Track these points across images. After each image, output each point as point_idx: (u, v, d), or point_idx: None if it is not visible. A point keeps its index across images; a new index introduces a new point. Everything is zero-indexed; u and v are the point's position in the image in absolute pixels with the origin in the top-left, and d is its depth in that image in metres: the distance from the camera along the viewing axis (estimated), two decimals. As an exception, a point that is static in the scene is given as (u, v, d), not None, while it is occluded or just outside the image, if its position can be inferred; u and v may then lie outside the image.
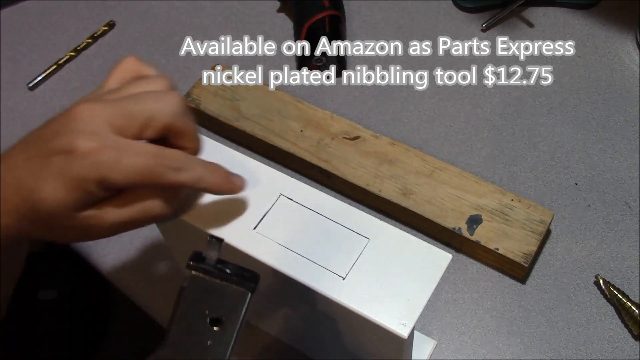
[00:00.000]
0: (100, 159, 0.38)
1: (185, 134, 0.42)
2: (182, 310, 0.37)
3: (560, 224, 0.65)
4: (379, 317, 0.41)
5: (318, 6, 0.75)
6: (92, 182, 0.38)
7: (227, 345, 0.37)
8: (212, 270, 0.37)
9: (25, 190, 0.39)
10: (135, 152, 0.39)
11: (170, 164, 0.40)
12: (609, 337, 0.59)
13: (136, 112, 0.40)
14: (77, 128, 0.38)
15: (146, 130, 0.40)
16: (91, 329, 1.10)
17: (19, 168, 0.39)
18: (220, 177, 0.43)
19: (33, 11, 0.85)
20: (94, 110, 0.39)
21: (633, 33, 0.78)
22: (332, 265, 0.43)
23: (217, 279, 0.37)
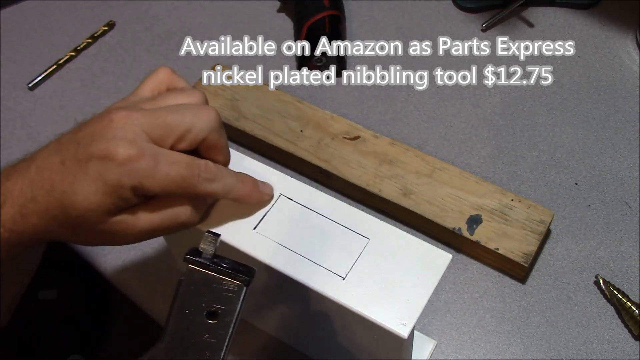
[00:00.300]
0: (138, 167, 0.39)
1: (218, 147, 0.44)
2: (179, 303, 0.38)
3: (560, 224, 0.65)
4: (379, 317, 0.41)
5: (318, 6, 0.75)
6: (128, 188, 0.39)
7: (224, 338, 0.38)
8: (209, 264, 0.38)
9: (58, 192, 0.39)
10: (171, 161, 0.40)
11: (203, 174, 0.41)
12: (609, 337, 0.59)
13: (174, 124, 0.41)
14: (116, 135, 0.39)
15: (182, 142, 0.41)
16: (91, 329, 1.10)
17: (53, 170, 0.40)
18: (250, 186, 0.44)
19: (33, 11, 0.85)
20: (132, 118, 0.40)
21: (633, 33, 0.78)
22: (332, 265, 0.43)
23: (213, 272, 0.38)
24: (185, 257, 0.38)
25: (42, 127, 0.75)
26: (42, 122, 0.75)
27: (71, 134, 0.41)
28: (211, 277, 0.38)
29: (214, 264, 0.38)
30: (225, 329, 0.38)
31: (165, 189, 0.40)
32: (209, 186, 0.41)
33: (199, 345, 0.38)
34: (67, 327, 1.04)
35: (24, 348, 0.99)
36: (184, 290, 0.38)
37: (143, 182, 0.39)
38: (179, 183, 0.40)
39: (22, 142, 0.74)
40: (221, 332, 0.38)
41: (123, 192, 0.39)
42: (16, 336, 0.97)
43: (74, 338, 1.06)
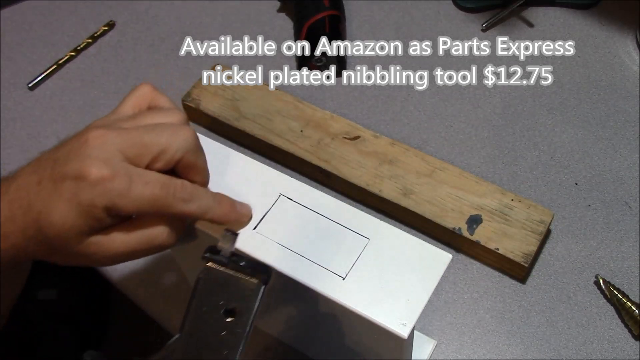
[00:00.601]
0: (110, 187, 0.38)
1: (195, 168, 0.43)
2: (197, 301, 0.38)
3: (560, 224, 0.65)
4: (379, 317, 0.41)
5: (318, 6, 0.75)
6: (101, 208, 0.38)
7: (241, 336, 0.38)
8: (227, 262, 0.38)
9: (34, 212, 0.39)
10: (146, 181, 0.39)
11: (179, 194, 0.40)
12: (609, 337, 0.59)
13: (150, 144, 0.40)
14: (90, 154, 0.39)
15: (157, 162, 0.41)
16: (91, 329, 1.10)
17: (30, 190, 0.40)
18: (227, 207, 0.44)
19: (33, 11, 0.85)
20: (107, 137, 0.40)
21: (633, 33, 0.78)
22: (332, 265, 0.43)
23: (231, 270, 0.38)
24: (203, 255, 0.38)
25: (42, 127, 0.75)
26: (42, 122, 0.75)
27: (50, 152, 0.41)
28: (229, 275, 0.38)
29: (232, 262, 0.38)
30: (243, 327, 0.38)
31: (139, 209, 0.39)
32: (185, 206, 0.41)
33: (216, 343, 0.38)
34: (67, 327, 1.04)
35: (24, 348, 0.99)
36: (202, 288, 0.38)
37: (116, 202, 0.38)
38: (153, 203, 0.39)
39: (22, 142, 0.74)
40: (238, 331, 0.38)
41: (96, 213, 0.39)
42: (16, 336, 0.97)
43: (74, 338, 1.06)
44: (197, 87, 0.73)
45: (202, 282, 0.38)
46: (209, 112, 0.71)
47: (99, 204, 0.38)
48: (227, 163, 0.48)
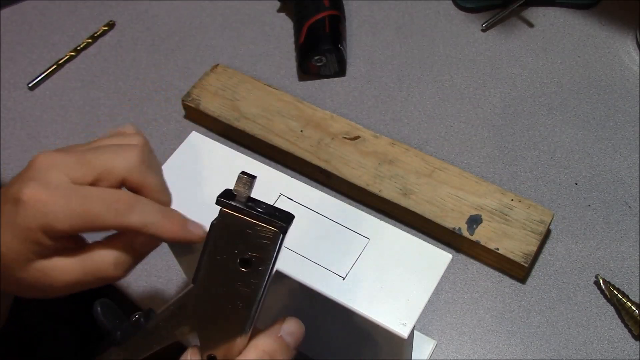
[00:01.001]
0: (44, 207, 0.37)
1: (144, 187, 0.41)
2: (211, 249, 0.35)
3: (560, 224, 0.65)
4: (379, 317, 0.41)
5: (318, 6, 0.75)
6: (36, 230, 0.37)
7: (258, 288, 0.35)
8: (242, 207, 0.35)
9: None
10: (83, 195, 0.38)
11: (114, 205, 0.38)
12: (609, 337, 0.59)
13: (92, 162, 0.40)
14: (31, 176, 0.38)
15: (103, 181, 0.40)
16: (91, 329, 1.10)
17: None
18: (175, 225, 0.41)
19: (33, 11, 0.85)
20: (53, 158, 0.39)
21: (633, 33, 0.78)
22: (332, 265, 0.43)
23: (247, 217, 0.35)
24: (217, 199, 0.35)
25: (42, 127, 0.75)
26: (42, 122, 0.75)
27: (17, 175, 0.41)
28: (245, 221, 0.35)
29: (248, 208, 0.35)
30: (260, 279, 0.35)
31: (74, 226, 0.38)
32: (123, 219, 0.38)
33: (231, 295, 0.35)
34: (67, 327, 1.04)
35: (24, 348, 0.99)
36: (216, 235, 0.35)
37: (50, 221, 0.37)
38: (85, 217, 0.38)
39: (22, 142, 0.74)
40: (255, 282, 0.35)
41: (34, 235, 0.37)
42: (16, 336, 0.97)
43: (74, 338, 1.05)
44: (197, 87, 0.73)
45: (217, 229, 0.35)
46: (209, 112, 0.71)
47: (33, 225, 0.37)
48: (227, 163, 0.48)
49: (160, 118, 0.75)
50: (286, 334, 0.39)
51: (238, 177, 0.35)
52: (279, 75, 0.77)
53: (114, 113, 0.75)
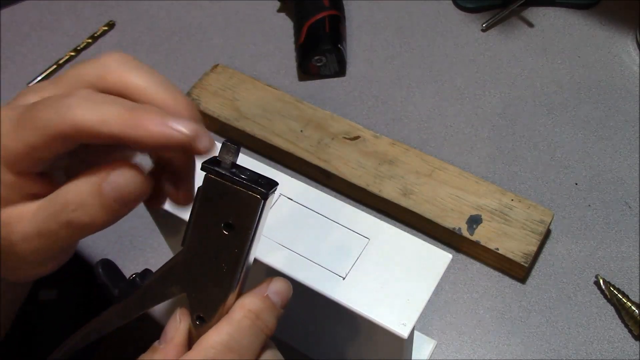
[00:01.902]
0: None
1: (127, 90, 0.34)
2: (197, 213, 0.36)
3: (560, 224, 0.65)
4: (379, 317, 0.41)
5: (318, 6, 0.75)
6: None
7: (241, 251, 0.35)
8: (226, 174, 0.35)
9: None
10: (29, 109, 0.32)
11: (57, 105, 0.31)
12: (609, 337, 0.59)
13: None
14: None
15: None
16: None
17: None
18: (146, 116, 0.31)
19: (33, 11, 0.85)
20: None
21: (633, 33, 0.78)
22: (332, 265, 0.43)
23: (230, 182, 0.35)
24: (202, 165, 0.35)
25: (42, 127, 0.75)
26: (42, 122, 0.75)
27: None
28: (228, 187, 0.35)
29: (231, 174, 0.35)
30: (244, 243, 0.35)
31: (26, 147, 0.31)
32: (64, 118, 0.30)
33: (217, 257, 0.36)
34: (68, 327, 1.04)
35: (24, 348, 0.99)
36: (201, 199, 0.36)
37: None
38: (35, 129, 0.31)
39: (22, 142, 0.74)
40: (239, 245, 0.35)
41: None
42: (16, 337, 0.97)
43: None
44: (197, 87, 0.73)
45: (202, 194, 0.35)
46: (209, 112, 0.71)
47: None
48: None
49: (160, 118, 0.75)
50: (272, 293, 0.37)
51: (222, 144, 0.35)
52: (279, 75, 0.77)
53: (114, 113, 0.75)
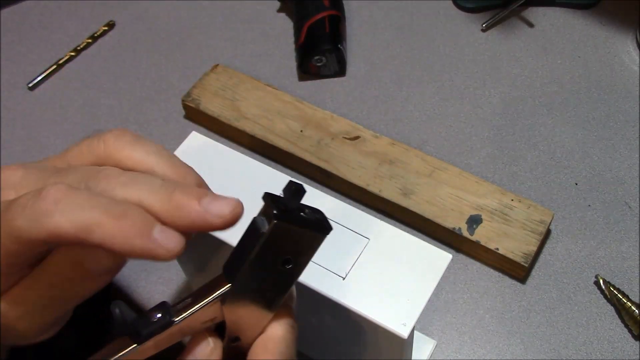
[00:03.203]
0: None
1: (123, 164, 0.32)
2: (257, 253, 0.34)
3: (560, 224, 0.65)
4: (379, 317, 0.41)
5: (318, 6, 0.75)
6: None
7: (291, 281, 0.36)
8: (295, 219, 0.34)
9: None
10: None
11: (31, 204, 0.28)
12: (609, 337, 0.59)
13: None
14: None
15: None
16: (91, 329, 1.09)
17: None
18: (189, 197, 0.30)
19: (33, 11, 0.85)
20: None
21: (633, 33, 0.78)
22: (332, 265, 0.43)
23: (298, 227, 0.34)
24: (275, 214, 0.33)
25: (42, 127, 0.75)
26: (42, 122, 0.75)
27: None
28: (296, 230, 0.34)
29: (299, 218, 0.34)
30: (295, 274, 0.36)
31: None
32: (39, 227, 0.27)
33: (266, 287, 0.36)
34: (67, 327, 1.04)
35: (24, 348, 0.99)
36: (265, 242, 0.34)
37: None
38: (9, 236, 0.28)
39: (22, 142, 0.74)
40: (290, 276, 0.36)
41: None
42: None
43: (74, 338, 1.05)
44: (197, 87, 0.73)
45: (267, 237, 0.34)
46: (209, 112, 0.71)
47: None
48: (227, 163, 0.48)
49: (160, 118, 0.75)
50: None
51: (289, 184, 0.34)
52: (279, 75, 0.77)
53: (114, 113, 0.75)
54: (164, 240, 0.29)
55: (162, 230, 0.29)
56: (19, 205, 0.28)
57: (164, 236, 0.29)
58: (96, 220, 0.28)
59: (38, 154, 0.73)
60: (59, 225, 0.27)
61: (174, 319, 0.34)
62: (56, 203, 0.27)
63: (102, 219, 0.28)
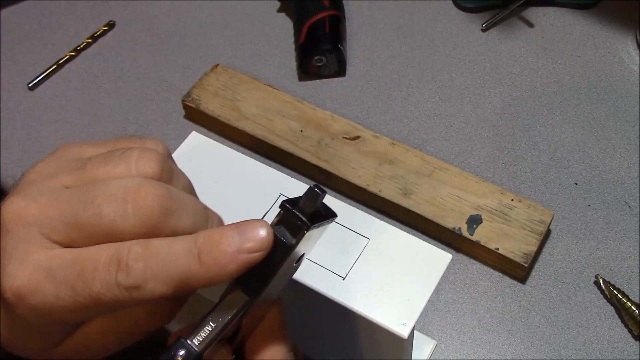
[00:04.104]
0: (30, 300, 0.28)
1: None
2: (282, 265, 0.33)
3: (560, 224, 0.65)
4: (379, 317, 0.41)
5: (318, 6, 0.75)
6: (39, 324, 0.30)
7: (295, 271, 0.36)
8: (314, 224, 0.33)
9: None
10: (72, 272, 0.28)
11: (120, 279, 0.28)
12: (609, 337, 0.59)
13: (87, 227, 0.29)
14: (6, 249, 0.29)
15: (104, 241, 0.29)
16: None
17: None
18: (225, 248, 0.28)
19: (33, 11, 0.85)
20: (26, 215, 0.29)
21: (633, 33, 0.78)
22: (332, 265, 0.43)
23: (317, 227, 0.33)
24: (306, 224, 0.32)
25: (42, 127, 0.75)
26: (42, 122, 0.75)
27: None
28: (315, 231, 0.33)
29: (316, 223, 0.33)
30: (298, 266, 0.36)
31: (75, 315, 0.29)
32: (134, 294, 0.27)
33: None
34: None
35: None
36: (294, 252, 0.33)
37: (46, 316, 0.28)
38: (84, 302, 0.28)
39: (22, 142, 0.74)
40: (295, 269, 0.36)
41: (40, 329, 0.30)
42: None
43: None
44: (197, 87, 0.73)
45: (295, 249, 0.33)
46: (209, 112, 0.71)
47: (32, 321, 0.29)
48: (227, 163, 0.48)
49: (160, 118, 0.75)
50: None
51: (309, 191, 0.32)
52: (279, 75, 0.77)
53: (114, 113, 0.75)
54: (248, 241, 0.29)
55: (240, 234, 0.29)
56: (96, 274, 0.28)
57: (244, 238, 0.29)
58: (187, 271, 0.28)
59: (38, 154, 0.73)
60: (154, 294, 0.28)
61: (199, 351, 0.31)
62: (143, 272, 0.27)
63: (191, 267, 0.28)
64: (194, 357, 0.30)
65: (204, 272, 0.28)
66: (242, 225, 0.29)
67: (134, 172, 0.30)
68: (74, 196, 0.29)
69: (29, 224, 0.29)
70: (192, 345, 0.31)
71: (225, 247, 0.28)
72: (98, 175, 0.31)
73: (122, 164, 0.30)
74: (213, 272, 0.28)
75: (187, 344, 0.31)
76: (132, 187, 0.28)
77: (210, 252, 0.28)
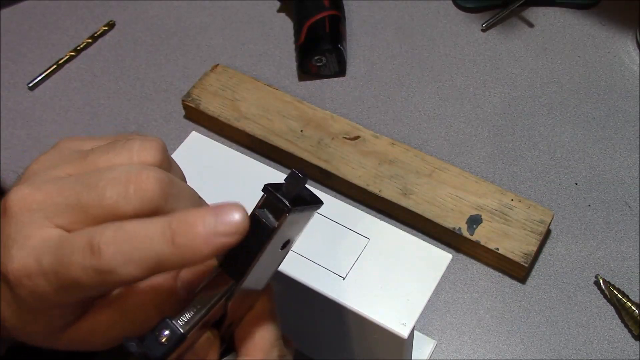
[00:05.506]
0: (29, 282, 0.29)
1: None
2: (265, 250, 0.33)
3: (560, 224, 0.65)
4: (379, 317, 0.41)
5: (318, 6, 0.75)
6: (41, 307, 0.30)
7: (284, 257, 0.36)
8: (301, 203, 0.33)
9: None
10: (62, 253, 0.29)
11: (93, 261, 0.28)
12: (609, 337, 0.59)
13: (90, 209, 0.29)
14: (9, 234, 0.29)
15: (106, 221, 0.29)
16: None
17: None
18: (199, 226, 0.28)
19: (33, 11, 0.85)
20: (32, 201, 0.30)
21: (633, 33, 0.78)
22: (332, 265, 0.43)
23: (299, 211, 0.33)
24: (289, 207, 0.32)
25: (42, 127, 0.75)
26: (42, 122, 0.75)
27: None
28: (299, 214, 0.33)
29: (299, 205, 0.33)
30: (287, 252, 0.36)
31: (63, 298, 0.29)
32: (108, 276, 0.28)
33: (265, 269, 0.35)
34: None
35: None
36: (276, 236, 0.33)
37: (43, 297, 0.29)
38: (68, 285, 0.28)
39: (22, 142, 0.74)
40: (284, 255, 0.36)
41: (45, 312, 0.30)
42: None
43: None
44: (197, 87, 0.73)
45: (277, 233, 0.33)
46: (209, 112, 0.71)
47: (31, 302, 0.29)
48: (227, 163, 0.48)
49: (160, 118, 0.75)
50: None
51: (291, 174, 0.32)
52: (279, 75, 0.77)
53: (114, 113, 0.75)
54: (224, 224, 0.28)
55: (215, 216, 0.28)
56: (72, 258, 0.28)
57: (220, 221, 0.28)
58: (160, 254, 0.28)
59: (38, 154, 0.72)
60: (126, 276, 0.28)
61: (183, 332, 0.31)
62: (114, 256, 0.27)
63: (164, 249, 0.28)
64: (177, 338, 0.30)
65: (178, 254, 0.28)
66: (219, 208, 0.29)
67: (135, 161, 0.31)
68: (78, 182, 0.30)
69: (34, 209, 0.29)
70: (177, 326, 0.31)
71: (200, 230, 0.28)
72: (100, 164, 0.31)
73: (124, 153, 0.31)
74: (187, 254, 0.28)
75: (172, 324, 0.31)
76: (135, 171, 0.29)
77: (185, 235, 0.28)
